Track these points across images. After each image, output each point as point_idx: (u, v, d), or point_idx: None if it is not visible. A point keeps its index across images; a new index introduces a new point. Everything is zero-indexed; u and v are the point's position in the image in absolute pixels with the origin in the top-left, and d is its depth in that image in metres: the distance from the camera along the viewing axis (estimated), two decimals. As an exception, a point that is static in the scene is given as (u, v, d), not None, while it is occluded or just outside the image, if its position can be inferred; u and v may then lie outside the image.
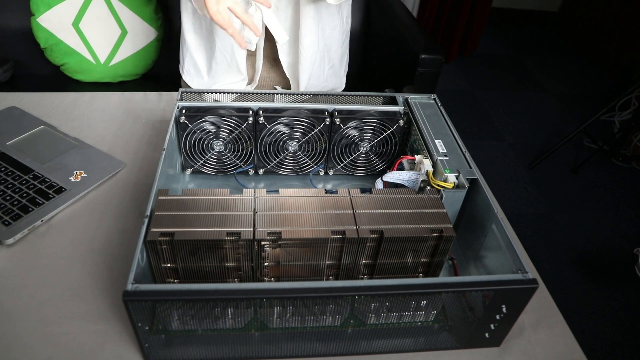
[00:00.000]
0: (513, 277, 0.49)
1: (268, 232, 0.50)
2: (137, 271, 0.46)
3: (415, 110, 0.72)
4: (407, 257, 0.54)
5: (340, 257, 0.53)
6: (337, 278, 0.55)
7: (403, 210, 0.54)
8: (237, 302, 0.45)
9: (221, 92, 0.75)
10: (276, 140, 0.71)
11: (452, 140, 0.67)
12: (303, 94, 0.75)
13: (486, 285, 0.47)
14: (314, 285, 0.45)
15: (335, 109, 0.70)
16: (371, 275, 0.55)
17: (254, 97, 0.74)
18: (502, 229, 0.54)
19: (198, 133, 0.69)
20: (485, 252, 0.59)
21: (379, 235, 0.51)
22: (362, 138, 0.72)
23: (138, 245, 0.48)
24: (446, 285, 0.47)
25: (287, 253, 0.51)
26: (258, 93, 0.74)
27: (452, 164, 0.62)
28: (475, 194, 0.61)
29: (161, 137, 0.82)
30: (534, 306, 0.59)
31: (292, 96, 0.75)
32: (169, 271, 0.52)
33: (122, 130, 0.85)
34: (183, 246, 0.49)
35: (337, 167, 0.75)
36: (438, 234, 0.52)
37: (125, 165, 0.77)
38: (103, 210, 0.69)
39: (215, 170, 0.73)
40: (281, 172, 0.74)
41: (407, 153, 0.74)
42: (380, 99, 0.76)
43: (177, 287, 0.44)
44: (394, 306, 0.49)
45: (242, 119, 0.68)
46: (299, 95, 0.75)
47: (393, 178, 0.65)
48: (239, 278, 0.53)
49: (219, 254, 0.50)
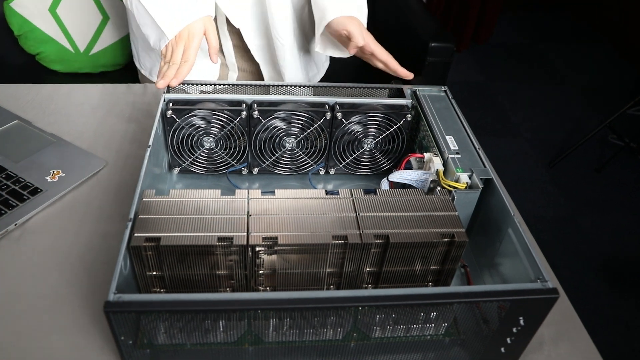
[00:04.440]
0: (531, 286, 0.49)
1: (263, 237, 0.50)
2: (120, 280, 0.46)
3: (424, 104, 0.72)
4: (416, 265, 0.54)
5: (342, 264, 0.53)
6: (338, 287, 0.55)
7: (411, 213, 0.54)
8: (230, 313, 0.45)
9: (211, 83, 0.75)
10: (272, 136, 0.71)
11: (464, 137, 0.67)
12: (302, 86, 0.75)
13: (502, 295, 0.47)
14: (313, 295, 0.45)
15: (337, 102, 0.70)
16: (376, 285, 0.55)
17: (248, 90, 0.74)
18: (519, 233, 0.54)
19: (186, 128, 0.69)
20: (501, 258, 0.58)
21: (385, 240, 0.51)
22: (366, 134, 0.72)
23: (121, 252, 0.48)
24: (458, 295, 0.47)
25: (284, 260, 0.51)
26: (252, 85, 0.74)
27: (465, 162, 0.62)
28: (489, 196, 0.60)
29: (146, 133, 0.82)
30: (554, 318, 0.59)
31: (290, 88, 0.75)
32: (154, 280, 0.52)
33: (104, 125, 0.85)
34: (170, 252, 0.49)
35: (339, 166, 0.75)
36: (449, 239, 0.52)
37: (107, 164, 0.77)
38: (82, 213, 0.69)
39: (206, 169, 0.73)
40: (277, 171, 0.74)
41: (416, 150, 0.74)
42: (386, 91, 0.76)
43: (164, 298, 0.44)
44: (401, 318, 0.49)
45: (235, 113, 0.68)
46: (297, 88, 0.75)
47: (400, 178, 0.65)
48: (231, 287, 0.53)
49: (210, 261, 0.50)
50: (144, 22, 0.80)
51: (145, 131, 0.83)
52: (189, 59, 0.74)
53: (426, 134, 0.70)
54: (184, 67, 0.73)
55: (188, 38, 0.76)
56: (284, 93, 0.75)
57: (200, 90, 0.75)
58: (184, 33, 0.76)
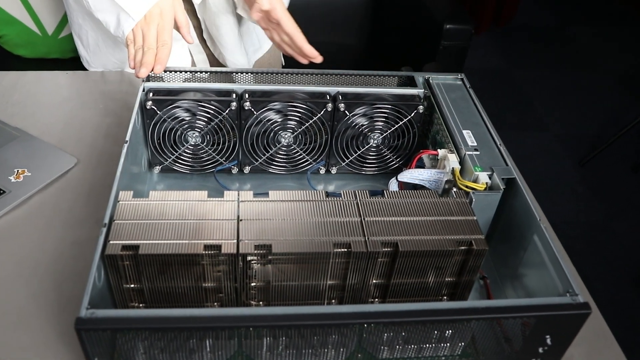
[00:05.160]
0: (560, 300, 0.49)
1: (255, 244, 0.50)
2: (93, 293, 0.46)
3: (438, 94, 0.72)
4: (428, 276, 0.54)
5: (345, 275, 0.53)
6: (341, 302, 0.55)
7: (423, 218, 0.54)
8: (218, 331, 0.45)
9: (197, 71, 0.75)
10: (266, 130, 0.71)
11: (484, 131, 0.67)
12: (299, 74, 0.75)
13: (526, 311, 0.47)
14: (312, 311, 0.45)
15: (339, 91, 0.71)
16: (384, 299, 0.55)
17: (238, 78, 0.74)
18: (546, 240, 0.54)
19: (169, 122, 0.69)
20: (525, 269, 0.59)
21: (393, 248, 0.51)
22: (373, 128, 0.72)
23: (94, 261, 0.48)
24: (477, 310, 0.47)
25: (279, 271, 0.51)
26: (243, 72, 0.74)
27: (484, 160, 0.62)
28: (512, 198, 0.61)
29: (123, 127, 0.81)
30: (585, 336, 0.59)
31: (286, 76, 0.75)
32: (132, 293, 0.52)
33: (75, 118, 0.85)
34: (150, 262, 0.49)
35: (341, 165, 0.75)
36: (467, 248, 0.52)
37: (79, 162, 0.77)
38: (51, 218, 0.69)
39: (190, 168, 0.73)
40: (272, 170, 0.75)
41: (428, 147, 0.74)
42: (395, 79, 0.76)
43: (143, 313, 0.44)
44: (412, 337, 0.49)
45: (224, 104, 0.68)
46: (294, 75, 0.75)
47: (411, 177, 0.65)
48: (219, 302, 0.53)
49: (195, 272, 0.50)
50: (100, 7, 0.79)
51: (122, 125, 0.83)
52: (167, 42, 0.73)
53: (440, 127, 0.70)
54: (163, 51, 0.72)
55: (161, 17, 0.75)
56: (280, 82, 0.75)
57: (184, 78, 0.75)
58: (155, 11, 0.75)
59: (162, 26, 0.75)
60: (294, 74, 0.75)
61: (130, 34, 0.76)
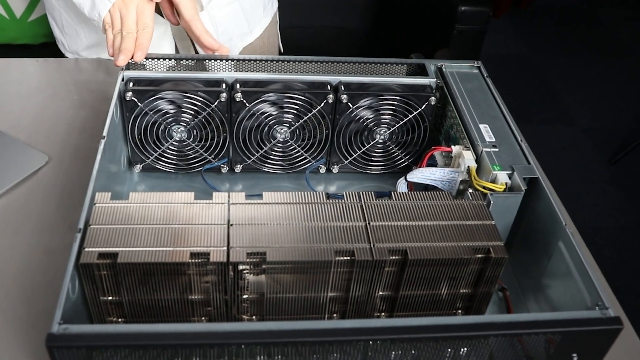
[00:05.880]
0: (588, 314, 0.49)
1: (248, 252, 0.50)
2: (66, 307, 0.46)
3: (452, 83, 0.72)
4: (441, 288, 0.54)
5: (347, 287, 0.53)
6: (343, 316, 0.55)
7: (435, 222, 0.54)
8: (206, 349, 0.45)
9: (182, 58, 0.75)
10: (259, 124, 0.71)
11: (503, 125, 0.67)
12: (297, 61, 0.75)
13: (550, 326, 0.47)
14: (311, 327, 0.45)
15: (342, 81, 0.71)
16: (391, 313, 0.55)
17: (229, 65, 0.75)
18: (573, 247, 0.54)
19: (151, 115, 0.69)
20: (549, 280, 0.59)
21: (402, 256, 0.52)
22: (379, 122, 0.72)
23: (67, 271, 0.48)
24: (495, 326, 0.47)
25: (275, 281, 0.51)
26: (234, 59, 0.74)
27: (504, 157, 0.62)
28: (535, 200, 0.61)
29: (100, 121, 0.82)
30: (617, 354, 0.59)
31: (282, 64, 0.75)
32: (110, 306, 0.52)
33: (46, 111, 0.85)
34: (130, 272, 0.49)
35: (344, 163, 0.75)
36: (484, 256, 0.52)
37: (50, 160, 0.77)
38: (19, 222, 0.69)
39: (175, 166, 0.74)
40: (266, 169, 0.75)
41: (441, 143, 0.74)
42: (404, 67, 0.77)
43: (122, 329, 0.44)
44: (422, 355, 0.49)
45: (212, 95, 0.68)
46: (291, 63, 0.75)
47: (421, 177, 0.65)
48: (207, 316, 0.53)
49: (180, 282, 0.50)
50: None
51: (99, 118, 0.83)
52: (148, 25, 0.73)
53: (454, 121, 0.70)
54: (144, 35, 0.72)
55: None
56: (275, 70, 0.75)
57: (168, 66, 0.75)
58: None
59: (143, 7, 0.75)
60: (291, 62, 0.75)
61: (107, 16, 0.76)
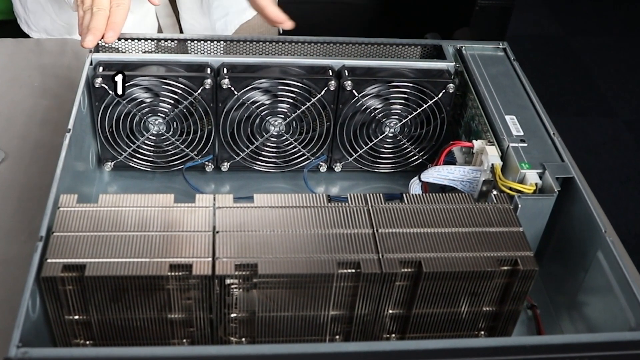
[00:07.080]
0: (631, 336, 0.49)
1: (236, 263, 0.50)
2: (26, 327, 0.46)
3: (473, 68, 0.73)
4: (461, 305, 0.54)
5: (352, 304, 0.53)
6: (347, 338, 0.55)
7: (454, 229, 0.55)
8: (188, 374, 0.46)
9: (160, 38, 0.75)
10: (250, 116, 0.71)
11: (532, 116, 0.68)
12: (294, 42, 0.75)
13: (588, 350, 0.48)
14: (310, 350, 0.46)
15: (346, 65, 0.71)
16: (403, 334, 0.56)
17: (214, 47, 0.75)
18: (614, 258, 0.55)
19: (124, 105, 0.69)
20: (587, 296, 0.59)
21: (415, 269, 0.52)
22: (389, 113, 0.73)
23: (27, 286, 0.48)
24: (524, 349, 0.47)
25: (267, 298, 0.52)
26: (222, 40, 0.75)
27: (534, 154, 0.63)
28: (570, 203, 0.61)
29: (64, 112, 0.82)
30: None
31: (276, 45, 0.75)
32: (77, 327, 0.52)
33: (2, 99, 0.85)
34: (100, 287, 0.49)
35: (348, 160, 0.76)
36: (510, 268, 0.53)
37: (7, 157, 0.77)
38: (-31, 230, 0.69)
39: (152, 164, 0.74)
40: (258, 167, 0.75)
41: (461, 137, 0.75)
42: (419, 49, 0.77)
43: (90, 353, 0.44)
44: (438, 382, 0.50)
45: (196, 81, 0.68)
46: (286, 44, 0.75)
47: (438, 177, 0.66)
48: (189, 338, 0.54)
49: (158, 299, 0.51)
50: None
51: (64, 108, 0.83)
52: (123, 2, 0.73)
53: (476, 112, 0.70)
54: (118, 12, 0.72)
55: None
56: (268, 52, 0.76)
57: (144, 48, 0.75)
58: None
59: None
60: (286, 43, 0.75)
61: None
